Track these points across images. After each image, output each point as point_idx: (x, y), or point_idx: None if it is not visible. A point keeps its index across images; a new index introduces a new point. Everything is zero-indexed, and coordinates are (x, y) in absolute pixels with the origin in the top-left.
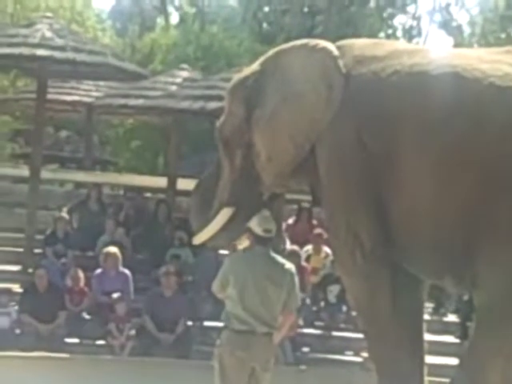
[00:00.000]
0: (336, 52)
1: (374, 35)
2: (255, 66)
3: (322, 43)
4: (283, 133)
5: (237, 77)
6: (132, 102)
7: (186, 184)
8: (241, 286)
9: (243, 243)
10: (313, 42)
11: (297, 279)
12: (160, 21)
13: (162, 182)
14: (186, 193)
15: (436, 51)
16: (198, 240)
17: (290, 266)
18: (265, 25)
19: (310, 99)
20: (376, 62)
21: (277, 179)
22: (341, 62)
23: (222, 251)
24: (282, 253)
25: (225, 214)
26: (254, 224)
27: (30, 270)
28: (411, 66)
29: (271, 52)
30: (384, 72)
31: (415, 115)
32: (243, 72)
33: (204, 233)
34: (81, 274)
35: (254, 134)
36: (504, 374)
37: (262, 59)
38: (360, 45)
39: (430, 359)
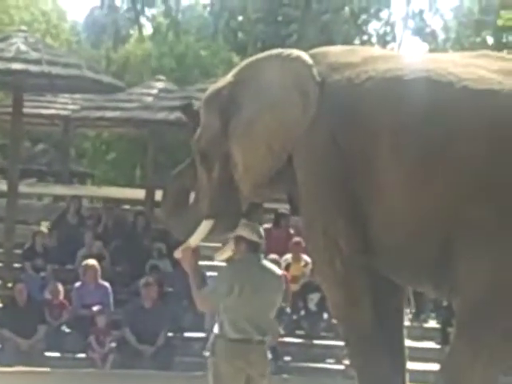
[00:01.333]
0: (310, 60)
1: (348, 42)
2: (229, 76)
3: (296, 52)
4: (260, 142)
5: (211, 88)
6: (108, 114)
7: None
8: (243, 294)
9: (224, 253)
10: (287, 51)
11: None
12: (134, 32)
13: (140, 193)
14: None
15: (410, 56)
16: (179, 254)
17: (279, 271)
18: (239, 34)
19: (285, 107)
20: (351, 69)
21: (255, 189)
22: (315, 70)
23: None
24: None
25: (205, 228)
26: (246, 231)
27: (9, 285)
28: (385, 72)
29: (245, 62)
30: (358, 78)
31: (390, 120)
32: (217, 83)
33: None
34: (60, 288)
35: (230, 144)
36: (483, 380)
37: (236, 70)
38: (334, 52)
39: (410, 365)
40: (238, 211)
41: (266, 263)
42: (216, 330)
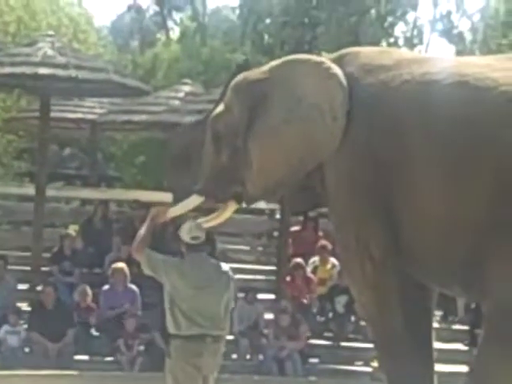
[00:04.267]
0: (345, 83)
1: (375, 44)
2: (264, 71)
3: (335, 69)
4: (280, 152)
5: (244, 76)
6: (135, 117)
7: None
8: (190, 291)
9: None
10: (326, 64)
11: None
12: (161, 36)
13: (168, 197)
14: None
15: (445, 60)
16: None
17: (226, 267)
18: (266, 37)
19: (315, 129)
20: (385, 71)
21: (262, 192)
22: (347, 94)
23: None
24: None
25: (192, 202)
26: (184, 232)
27: (38, 288)
28: (421, 76)
29: (284, 60)
30: (393, 82)
31: (426, 125)
32: (251, 74)
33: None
34: (89, 291)
35: (250, 141)
36: None
37: (273, 65)
38: (366, 53)
39: (439, 367)
40: (227, 200)
41: (211, 260)
42: (169, 330)
